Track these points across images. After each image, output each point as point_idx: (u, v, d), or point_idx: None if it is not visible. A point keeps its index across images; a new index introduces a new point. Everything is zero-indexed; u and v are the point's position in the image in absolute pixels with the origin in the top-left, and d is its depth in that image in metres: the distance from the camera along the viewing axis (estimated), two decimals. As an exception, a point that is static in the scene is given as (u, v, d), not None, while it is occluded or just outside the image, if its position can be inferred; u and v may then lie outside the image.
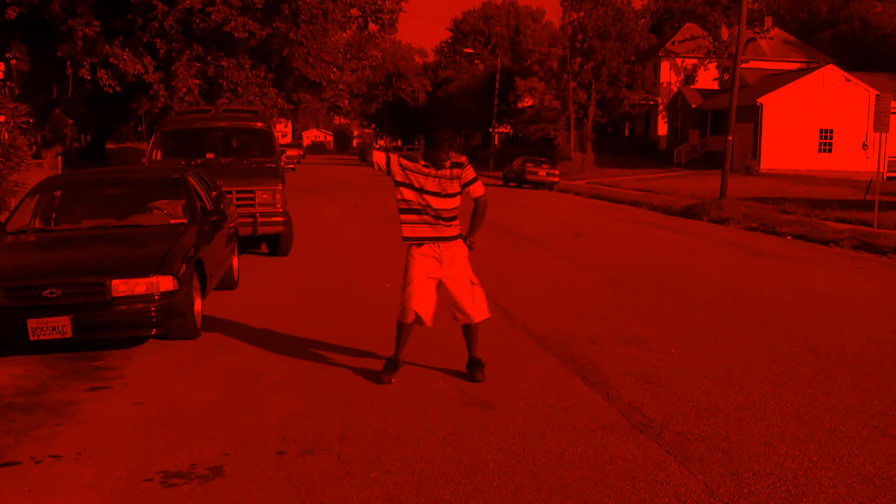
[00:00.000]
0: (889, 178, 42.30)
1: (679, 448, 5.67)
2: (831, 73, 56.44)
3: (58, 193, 10.36)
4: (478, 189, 7.10)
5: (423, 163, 6.96)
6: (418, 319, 7.09)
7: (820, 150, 56.16)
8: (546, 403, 6.62)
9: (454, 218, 7.05)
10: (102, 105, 38.44)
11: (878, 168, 23.15)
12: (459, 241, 7.11)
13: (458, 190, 6.99)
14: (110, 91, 32.68)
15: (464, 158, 7.03)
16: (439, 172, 6.91)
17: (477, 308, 7.18)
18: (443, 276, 7.06)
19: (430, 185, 6.91)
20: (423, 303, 7.04)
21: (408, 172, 6.96)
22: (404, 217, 7.02)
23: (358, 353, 8.15)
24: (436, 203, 6.93)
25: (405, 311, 7.07)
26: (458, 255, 7.07)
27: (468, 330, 7.30)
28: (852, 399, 6.83)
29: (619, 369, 7.62)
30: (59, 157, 34.03)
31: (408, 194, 6.96)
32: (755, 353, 8.31)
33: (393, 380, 7.13)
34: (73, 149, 49.70)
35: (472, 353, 7.33)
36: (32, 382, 7.30)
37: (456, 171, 6.94)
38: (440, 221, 6.97)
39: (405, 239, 7.09)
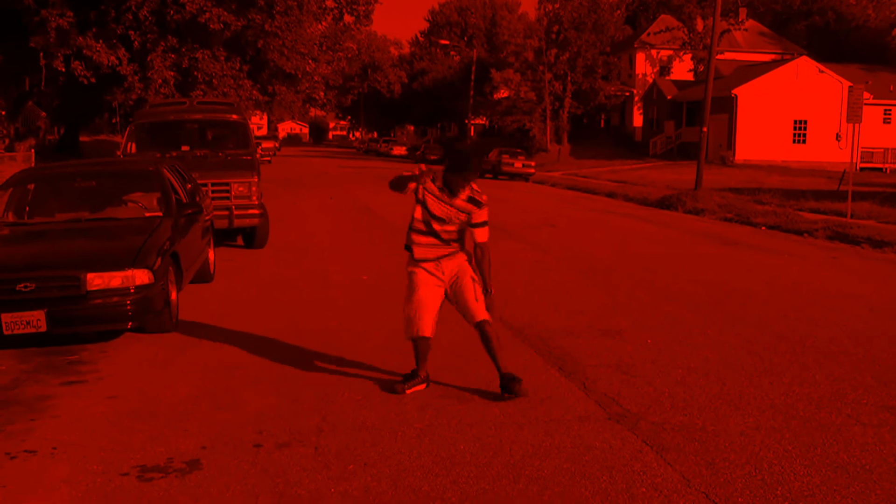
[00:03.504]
0: (862, 169, 42.67)
1: (655, 438, 5.70)
2: (805, 65, 56.86)
3: (31, 186, 10.28)
4: (483, 234, 6.64)
5: (439, 185, 6.54)
6: (426, 331, 6.62)
7: (794, 141, 56.59)
8: (523, 395, 6.64)
9: (456, 240, 6.66)
10: (76, 97, 38.23)
11: (852, 159, 23.32)
12: (461, 254, 6.73)
13: (463, 221, 6.58)
14: (85, 82, 32.49)
15: (484, 198, 6.64)
16: (453, 201, 6.53)
17: (480, 305, 6.63)
18: (448, 285, 6.69)
19: (439, 209, 6.55)
20: (429, 314, 6.62)
21: (426, 193, 6.55)
22: (416, 238, 6.61)
23: (334, 346, 8.12)
24: (437, 226, 6.55)
25: (413, 326, 6.63)
26: (462, 266, 6.69)
27: (483, 337, 6.66)
28: (826, 388, 6.89)
29: (596, 360, 7.65)
30: (33, 150, 33.80)
31: (419, 214, 6.58)
32: (731, 343, 8.37)
33: (408, 391, 6.69)
34: (46, 141, 49.35)
35: (500, 369, 6.65)
36: (6, 377, 7.24)
37: (469, 207, 6.54)
38: (443, 243, 6.61)
39: (415, 260, 6.64)
